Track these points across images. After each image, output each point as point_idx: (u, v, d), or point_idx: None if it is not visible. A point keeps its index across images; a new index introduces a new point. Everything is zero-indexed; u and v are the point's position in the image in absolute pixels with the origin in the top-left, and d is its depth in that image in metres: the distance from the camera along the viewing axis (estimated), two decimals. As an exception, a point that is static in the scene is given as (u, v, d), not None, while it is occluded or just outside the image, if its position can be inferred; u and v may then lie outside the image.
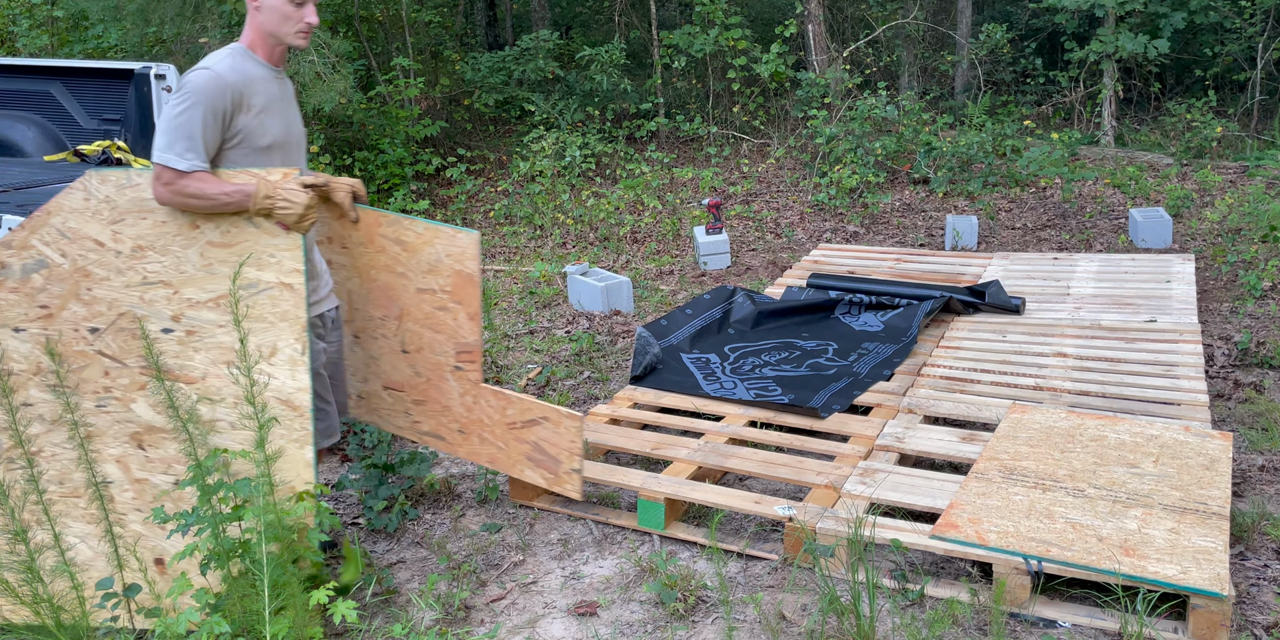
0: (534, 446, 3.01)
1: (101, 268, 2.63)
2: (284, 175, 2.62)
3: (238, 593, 2.36)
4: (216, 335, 2.61)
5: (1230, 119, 9.07)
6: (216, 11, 7.40)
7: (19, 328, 2.65)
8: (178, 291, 2.61)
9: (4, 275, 2.65)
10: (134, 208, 2.62)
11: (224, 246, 2.62)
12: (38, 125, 5.43)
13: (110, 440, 2.65)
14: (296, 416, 2.59)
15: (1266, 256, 5.77)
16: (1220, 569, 2.55)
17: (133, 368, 2.63)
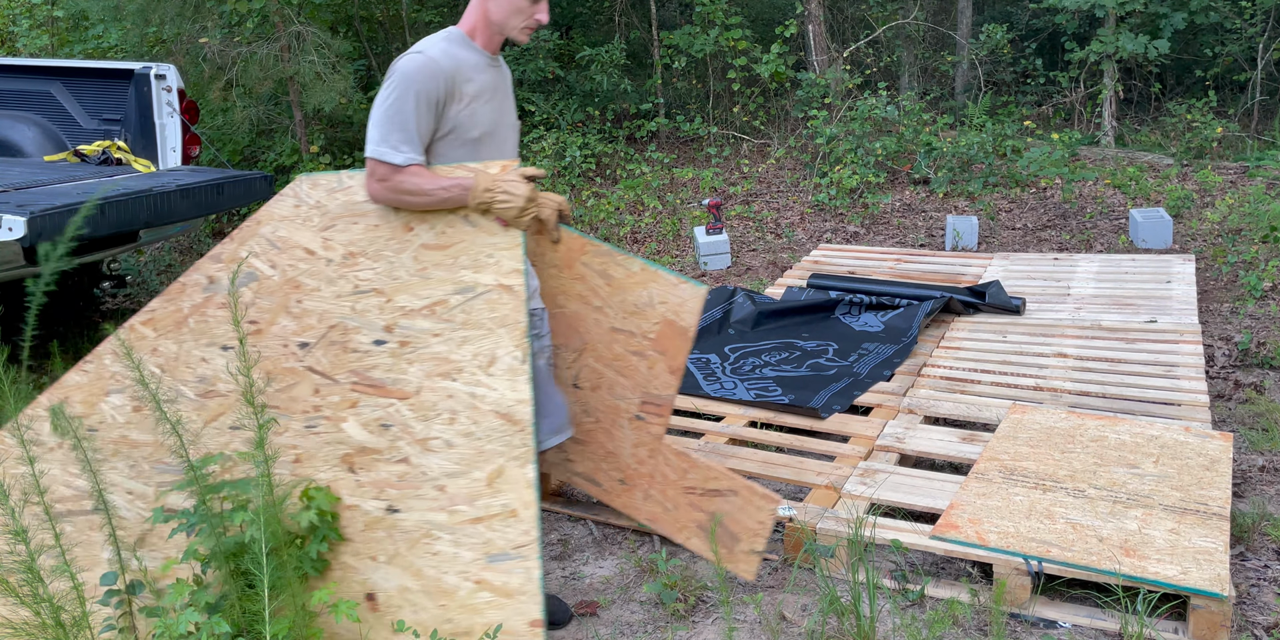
0: (710, 517, 2.82)
1: (312, 278, 2.50)
2: (502, 168, 2.45)
3: (237, 593, 2.36)
4: (431, 345, 2.42)
5: (1231, 119, 9.07)
6: (216, 11, 7.41)
7: (228, 346, 2.52)
8: (390, 299, 2.45)
9: (213, 290, 2.53)
10: (345, 212, 2.49)
11: (439, 249, 2.45)
12: (38, 125, 5.42)
13: (320, 463, 2.46)
14: (516, 431, 2.36)
15: (1267, 257, 5.76)
16: (1221, 569, 2.55)
17: (344, 384, 2.46)
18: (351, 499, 2.43)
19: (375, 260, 2.47)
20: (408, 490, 2.39)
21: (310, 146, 7.34)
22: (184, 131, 5.15)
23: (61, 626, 2.28)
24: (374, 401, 2.43)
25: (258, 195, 4.94)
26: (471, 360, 2.39)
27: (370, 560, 2.41)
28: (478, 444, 2.36)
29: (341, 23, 9.23)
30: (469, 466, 2.36)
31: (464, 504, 2.35)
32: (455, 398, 2.39)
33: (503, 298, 2.40)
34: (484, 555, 2.32)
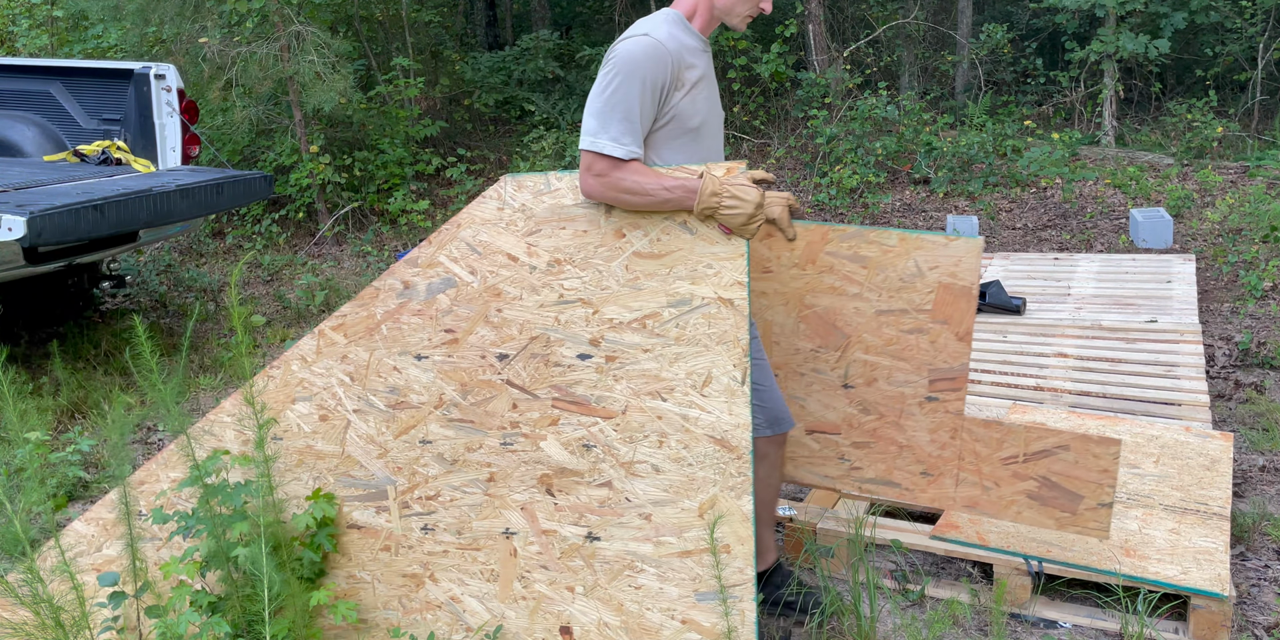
0: (1041, 482, 2.62)
1: (514, 286, 2.33)
2: (728, 170, 2.25)
3: (238, 594, 2.35)
4: (640, 361, 2.23)
5: (1231, 119, 9.07)
6: (216, 11, 7.40)
7: (421, 355, 2.38)
8: (598, 311, 2.27)
9: (408, 296, 2.39)
10: (552, 216, 2.31)
11: (653, 257, 2.25)
12: (38, 125, 5.42)
13: (515, 484, 2.30)
14: (733, 459, 2.16)
15: (1267, 257, 5.76)
16: (1221, 569, 2.55)
17: (544, 400, 2.29)
18: (548, 523, 2.27)
19: (583, 268, 2.29)
20: (609, 517, 2.23)
21: (310, 146, 7.34)
22: (184, 131, 5.15)
23: (61, 627, 2.28)
24: (576, 420, 2.27)
25: (257, 195, 4.94)
26: (685, 379, 2.21)
27: (567, 591, 2.25)
28: (689, 471, 2.19)
29: (341, 23, 9.23)
30: (678, 495, 2.19)
31: (671, 535, 2.19)
32: (665, 419, 2.21)
33: (722, 312, 2.20)
34: (692, 592, 2.16)
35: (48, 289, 5.34)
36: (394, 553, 2.37)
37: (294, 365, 2.46)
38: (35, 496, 2.70)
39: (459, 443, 2.33)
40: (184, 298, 6.15)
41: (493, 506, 2.31)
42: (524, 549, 2.28)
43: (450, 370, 2.35)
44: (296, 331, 5.38)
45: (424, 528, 2.34)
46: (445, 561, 2.33)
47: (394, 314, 2.40)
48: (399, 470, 2.37)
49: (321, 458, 2.43)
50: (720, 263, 2.22)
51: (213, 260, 7.08)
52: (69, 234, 3.93)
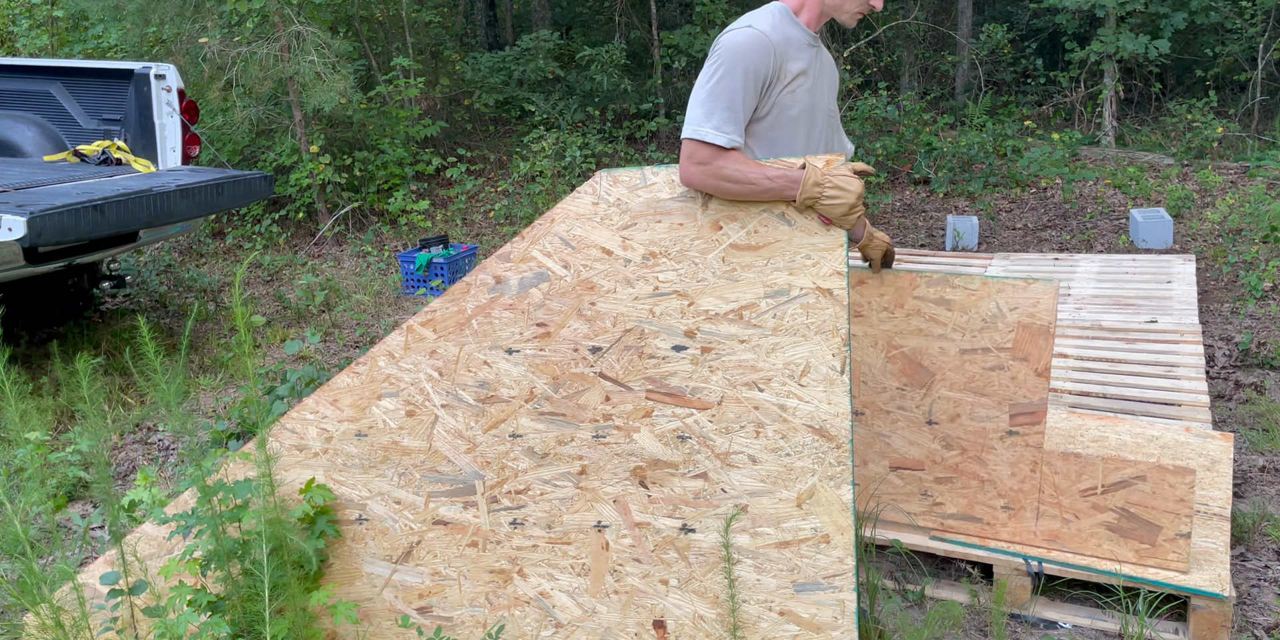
0: (1120, 514, 2.65)
1: (608, 279, 2.33)
2: (827, 162, 2.26)
3: (238, 594, 2.35)
4: (737, 352, 2.23)
5: (1231, 119, 9.07)
6: (216, 11, 7.40)
7: (512, 348, 2.36)
8: (693, 302, 2.27)
9: (500, 291, 2.39)
10: (648, 210, 2.32)
11: (750, 249, 2.25)
12: (38, 125, 5.42)
13: (608, 476, 2.29)
14: (832, 448, 2.15)
15: (1267, 257, 5.76)
16: (1221, 570, 2.55)
17: (637, 392, 2.28)
18: (642, 516, 2.25)
19: (678, 261, 2.29)
20: (705, 509, 2.21)
21: (310, 146, 7.34)
22: (184, 131, 5.15)
23: (61, 627, 2.28)
24: (670, 411, 2.25)
25: (257, 195, 4.94)
26: (782, 369, 2.19)
27: (660, 584, 2.22)
28: (787, 461, 2.17)
29: (341, 23, 9.23)
30: (775, 485, 2.18)
31: (768, 526, 2.17)
32: (762, 409, 2.20)
33: (821, 302, 2.20)
34: (790, 584, 2.14)
35: (48, 289, 5.34)
36: (481, 548, 2.34)
37: (380, 361, 2.45)
38: (35, 496, 2.70)
39: (550, 436, 2.32)
40: (184, 298, 6.15)
41: (584, 500, 2.28)
42: (616, 542, 2.26)
43: (542, 364, 2.34)
44: (296, 331, 5.39)
45: (513, 522, 2.31)
46: (535, 556, 2.30)
47: (485, 308, 2.39)
48: (487, 465, 2.35)
49: (407, 453, 2.41)
50: (819, 253, 2.22)
51: (213, 260, 7.08)
52: (69, 234, 3.93)
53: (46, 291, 5.34)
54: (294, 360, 4.90)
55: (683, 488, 2.23)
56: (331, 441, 2.44)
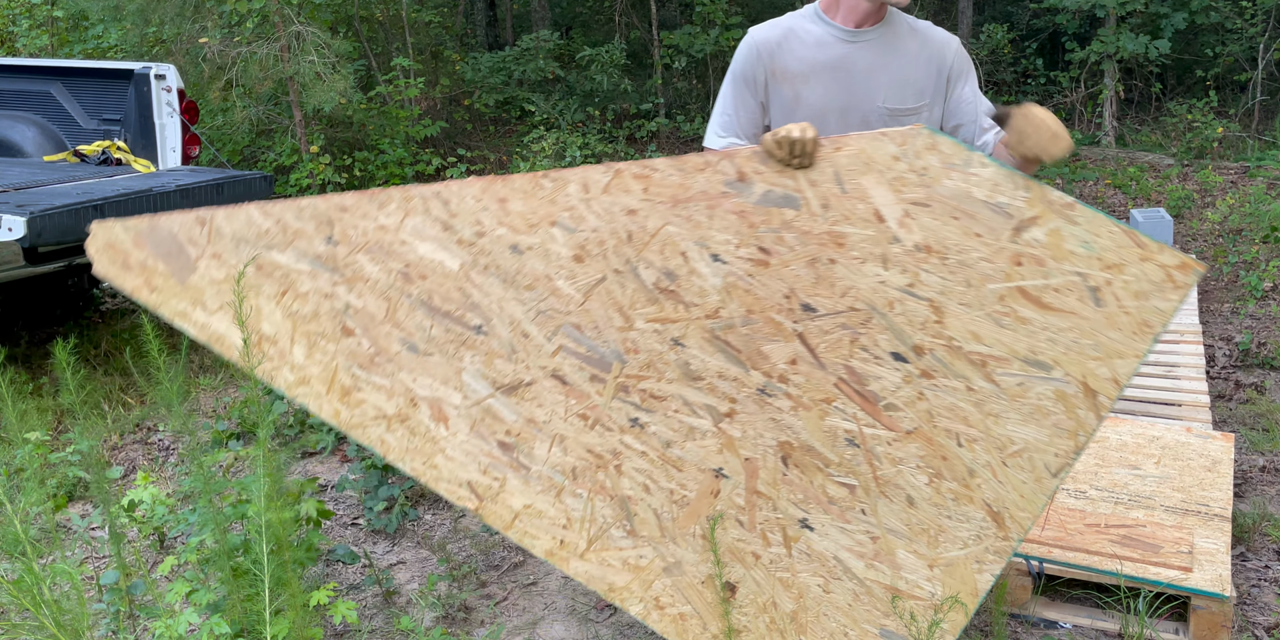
0: (1122, 541, 2.62)
1: (863, 245, 2.04)
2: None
3: (238, 593, 2.36)
4: (956, 396, 2.02)
5: (1231, 119, 9.07)
6: (216, 11, 7.40)
7: (720, 257, 2.10)
8: (941, 321, 2.01)
9: (738, 190, 2.09)
10: (951, 199, 2.01)
11: (1037, 305, 1.99)
12: (38, 125, 5.42)
13: (752, 434, 2.11)
14: (998, 536, 2.02)
15: (1267, 257, 5.76)
16: (1222, 570, 2.55)
17: (829, 373, 2.06)
18: (766, 488, 2.09)
19: (952, 271, 2.01)
20: (834, 517, 2.08)
21: (310, 146, 7.34)
22: (184, 131, 5.15)
23: (60, 626, 2.28)
24: (852, 411, 2.06)
25: (257, 195, 4.94)
26: (994, 439, 2.00)
27: (751, 555, 2.12)
28: (945, 522, 2.03)
29: (341, 23, 9.23)
30: (919, 536, 2.04)
31: (888, 566, 2.05)
32: (950, 463, 2.02)
33: (1079, 401, 1.97)
34: (879, 627, 2.06)
35: (48, 289, 5.34)
36: (590, 425, 2.17)
37: (571, 188, 2.17)
38: (35, 496, 2.70)
39: (713, 364, 2.11)
40: (184, 298, 6.14)
41: (716, 441, 2.12)
42: (728, 496, 2.11)
43: (744, 290, 2.09)
44: (296, 331, 5.39)
45: (634, 420, 2.14)
46: (639, 462, 2.14)
47: (712, 200, 2.11)
48: (635, 352, 2.14)
49: (557, 296, 2.18)
50: (1109, 352, 1.97)
51: (213, 260, 7.07)
52: (69, 234, 3.93)
53: (46, 291, 5.34)
54: (294, 360, 4.90)
55: (823, 487, 2.08)
56: (483, 237, 2.19)
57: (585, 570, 2.15)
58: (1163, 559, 2.60)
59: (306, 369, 2.22)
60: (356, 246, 2.21)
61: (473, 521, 3.31)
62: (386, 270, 2.20)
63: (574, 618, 2.76)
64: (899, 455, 2.04)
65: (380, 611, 2.81)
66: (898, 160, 2.03)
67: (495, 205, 2.19)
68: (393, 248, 2.21)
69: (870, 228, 2.04)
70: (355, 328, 2.21)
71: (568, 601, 2.84)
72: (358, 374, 2.21)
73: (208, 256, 2.27)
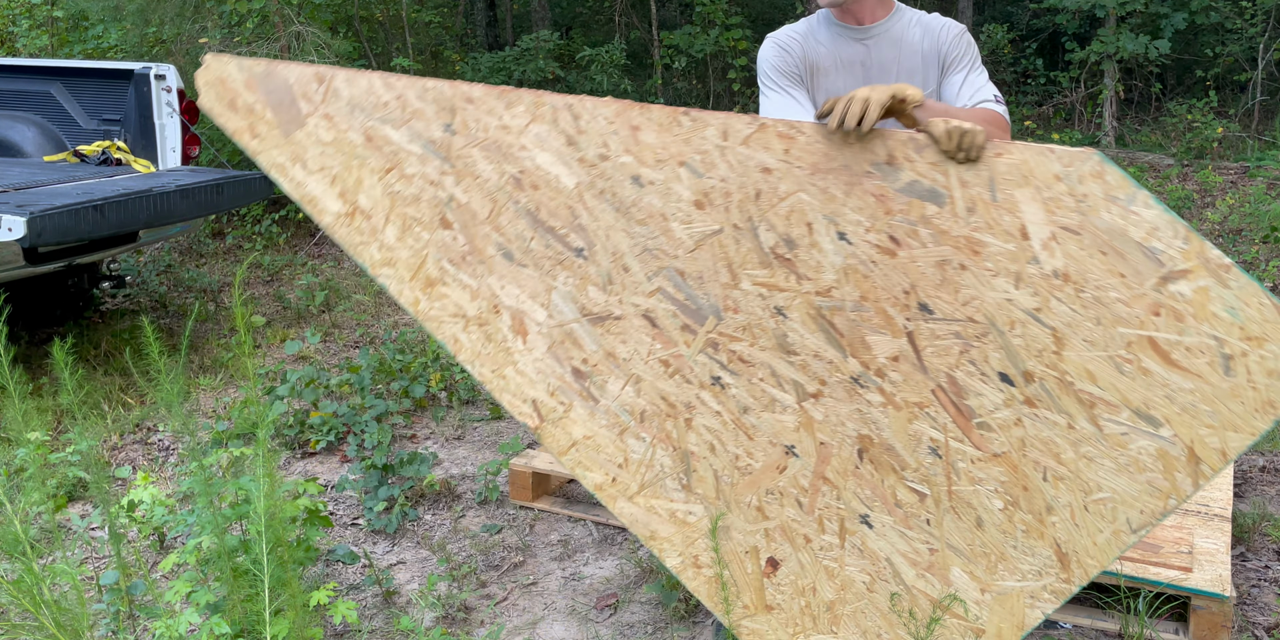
0: None
1: (998, 259, 1.95)
2: None
3: (238, 593, 2.36)
4: (1054, 431, 1.96)
5: (1231, 119, 9.07)
6: (216, 11, 7.41)
7: (846, 235, 2.01)
8: (1059, 353, 1.93)
9: (883, 173, 2.00)
10: (1103, 234, 1.90)
11: (1163, 360, 1.90)
12: (38, 125, 5.42)
13: (833, 420, 2.05)
14: (1059, 577, 1.98)
15: (1267, 257, 5.76)
16: (1222, 570, 2.55)
17: (928, 379, 2.00)
18: (834, 476, 2.05)
19: (1085, 306, 1.92)
20: (897, 521, 2.04)
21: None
22: (184, 132, 5.15)
23: (60, 626, 2.28)
24: (944, 421, 2.00)
25: (257, 195, 4.94)
26: (1081, 481, 1.95)
27: (803, 538, 2.08)
28: (1009, 551, 1.99)
29: (341, 23, 9.23)
30: (978, 559, 2.01)
31: (939, 579, 2.03)
32: (1030, 494, 1.96)
33: (1182, 466, 1.91)
34: (911, 634, 2.05)
35: (48, 289, 5.34)
36: (669, 373, 2.12)
37: (710, 131, 2.08)
38: (35, 496, 2.70)
39: (811, 341, 2.04)
40: (184, 298, 6.15)
41: (795, 419, 2.07)
42: (794, 475, 2.07)
43: (863, 275, 2.02)
44: (296, 331, 5.39)
45: (715, 378, 2.09)
46: (710, 421, 2.10)
47: (855, 176, 2.02)
48: (734, 312, 2.08)
49: (669, 238, 2.10)
50: (1225, 423, 1.89)
51: (213, 260, 7.08)
52: (69, 234, 3.93)
53: (46, 291, 5.34)
54: (294, 360, 4.90)
55: (893, 488, 2.03)
56: (606, 161, 2.12)
57: (631, 513, 2.13)
58: (1163, 559, 2.60)
59: (395, 251, 2.18)
60: (474, 141, 2.15)
61: (473, 521, 3.31)
62: (499, 172, 2.14)
63: (574, 618, 2.76)
64: (979, 475, 1.99)
65: (380, 611, 2.81)
66: (1059, 180, 1.93)
67: (626, 131, 2.11)
68: (510, 151, 2.15)
69: (1012, 242, 1.95)
70: (454, 222, 2.16)
71: (568, 601, 2.84)
72: (446, 268, 2.16)
73: (319, 115, 2.21)
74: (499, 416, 4.14)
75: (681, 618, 2.73)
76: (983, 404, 1.98)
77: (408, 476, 3.37)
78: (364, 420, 3.85)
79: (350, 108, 2.20)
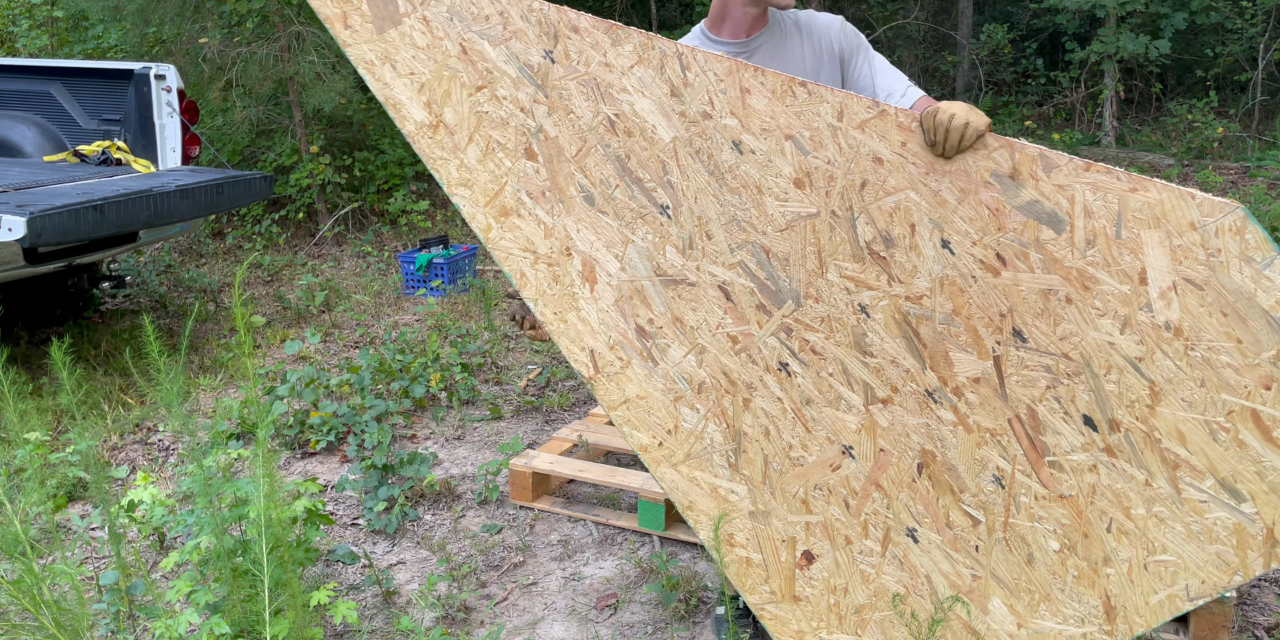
0: None
1: (1108, 297, 1.87)
2: None
3: (238, 593, 2.36)
4: (1127, 487, 1.89)
5: (1231, 119, 9.07)
6: (216, 11, 7.40)
7: (950, 244, 1.94)
8: (1153, 407, 1.87)
9: (1001, 189, 1.91)
10: (1231, 293, 1.81)
11: (1267, 437, 1.82)
12: (38, 125, 5.42)
13: (897, 430, 2.01)
14: (1103, 631, 1.93)
15: (1267, 257, 5.76)
16: (1222, 570, 2.54)
17: (1007, 408, 1.94)
18: (889, 485, 2.02)
19: (1188, 364, 1.84)
20: (945, 541, 2.01)
21: (310, 147, 7.34)
22: (184, 131, 5.15)
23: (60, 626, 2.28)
24: (1014, 454, 1.94)
25: (257, 195, 4.94)
26: (1142, 543, 1.90)
27: (844, 541, 2.05)
28: (1054, 592, 1.96)
29: (342, 23, 9.22)
30: (1018, 597, 1.97)
31: (976, 607, 2.01)
32: (1089, 542, 1.92)
33: (1257, 546, 1.84)
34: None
35: (48, 289, 5.33)
36: (736, 351, 2.06)
37: (825, 108, 1.99)
38: (35, 496, 2.70)
39: (891, 346, 1.98)
40: (184, 298, 6.15)
41: (857, 421, 2.01)
42: (847, 477, 2.02)
43: (959, 289, 1.94)
44: (296, 332, 5.39)
45: (783, 364, 2.03)
46: (770, 404, 2.04)
47: (972, 184, 1.93)
48: (815, 301, 2.01)
49: (759, 210, 2.04)
50: None
51: (213, 260, 7.08)
52: (69, 234, 3.93)
53: (46, 291, 5.34)
54: (294, 360, 4.90)
55: (947, 509, 1.98)
56: (708, 119, 2.05)
57: (672, 479, 2.11)
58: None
59: (475, 173, 2.13)
60: (573, 74, 2.09)
61: (473, 521, 3.31)
62: (594, 111, 2.08)
63: (574, 618, 2.76)
64: (1040, 514, 1.94)
65: (380, 611, 2.81)
66: (1194, 229, 1.82)
67: (735, 92, 2.01)
68: (610, 91, 2.08)
69: (1127, 284, 1.86)
70: (539, 154, 2.11)
71: (568, 601, 2.84)
72: (524, 200, 2.11)
73: (416, 17, 2.14)
74: (499, 416, 4.14)
75: (681, 618, 2.72)
76: (1059, 443, 1.92)
77: (408, 476, 3.37)
78: (364, 420, 3.85)
79: (450, 15, 2.12)
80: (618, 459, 3.70)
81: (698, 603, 2.78)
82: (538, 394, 4.35)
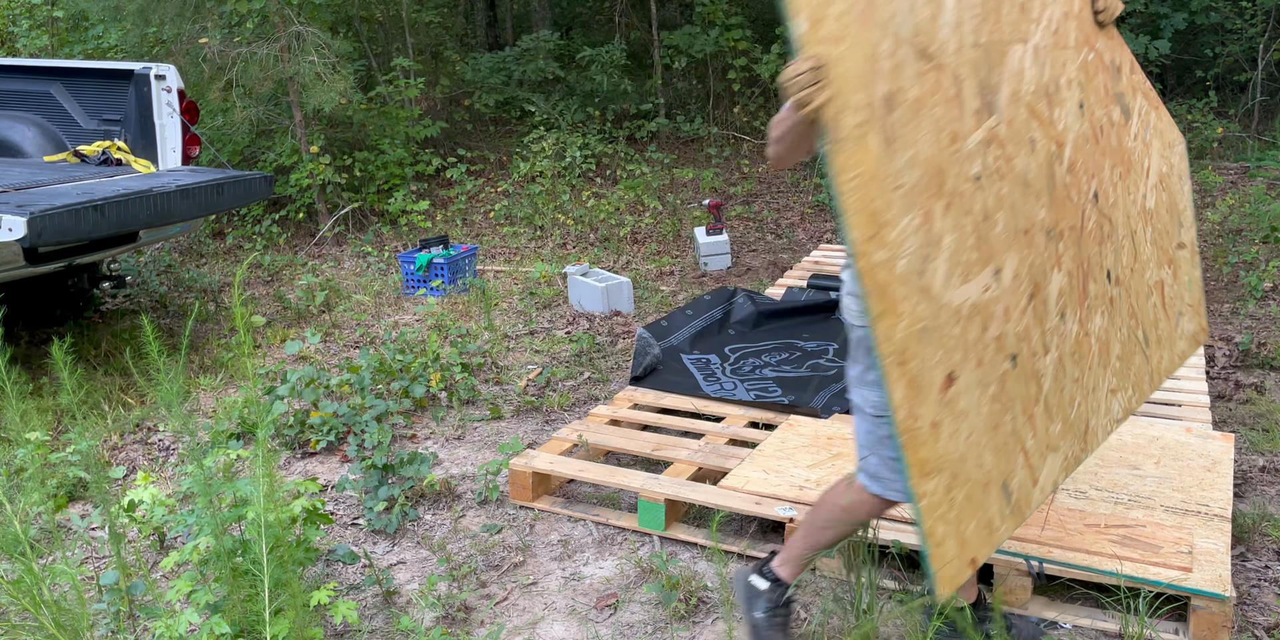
0: (1121, 541, 2.71)
1: (1133, 178, 2.40)
2: None
3: (238, 593, 2.36)
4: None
5: (1231, 119, 9.07)
6: (216, 11, 7.40)
7: (1085, 103, 2.29)
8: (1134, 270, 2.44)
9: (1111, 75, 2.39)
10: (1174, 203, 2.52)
11: None
12: (38, 125, 5.42)
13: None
14: None
15: (1267, 257, 5.76)
16: (1222, 570, 2.55)
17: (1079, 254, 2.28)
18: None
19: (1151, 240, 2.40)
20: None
21: (310, 147, 7.34)
22: (184, 132, 5.15)
23: (60, 626, 2.28)
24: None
25: (257, 195, 4.94)
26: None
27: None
28: None
29: (341, 23, 9.23)
30: None
31: None
32: None
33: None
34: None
35: (48, 289, 5.33)
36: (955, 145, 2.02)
37: (1018, 48, 2.12)
38: (35, 496, 2.70)
39: (1037, 182, 2.11)
40: (184, 298, 6.15)
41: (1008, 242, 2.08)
42: (991, 296, 2.04)
43: (1077, 146, 2.23)
44: (296, 331, 5.39)
45: (975, 177, 2.03)
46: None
47: (1103, 64, 2.33)
48: (1008, 124, 2.08)
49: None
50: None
51: (213, 260, 7.08)
52: (69, 234, 3.93)
53: (46, 291, 5.34)
54: (294, 360, 4.90)
55: (1039, 337, 2.14)
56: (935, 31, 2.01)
57: None
58: (1163, 559, 2.60)
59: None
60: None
61: (473, 521, 3.31)
62: None
63: (574, 618, 2.76)
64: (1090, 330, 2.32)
65: (380, 611, 2.81)
66: (1170, 147, 2.52)
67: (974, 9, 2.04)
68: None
69: (1143, 177, 2.43)
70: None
71: (568, 601, 2.84)
72: None
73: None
74: (499, 416, 4.14)
75: (681, 618, 2.73)
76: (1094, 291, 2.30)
77: (408, 476, 3.37)
78: (364, 420, 3.85)
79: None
80: (617, 459, 3.70)
81: (698, 603, 2.78)
82: (538, 394, 4.35)
